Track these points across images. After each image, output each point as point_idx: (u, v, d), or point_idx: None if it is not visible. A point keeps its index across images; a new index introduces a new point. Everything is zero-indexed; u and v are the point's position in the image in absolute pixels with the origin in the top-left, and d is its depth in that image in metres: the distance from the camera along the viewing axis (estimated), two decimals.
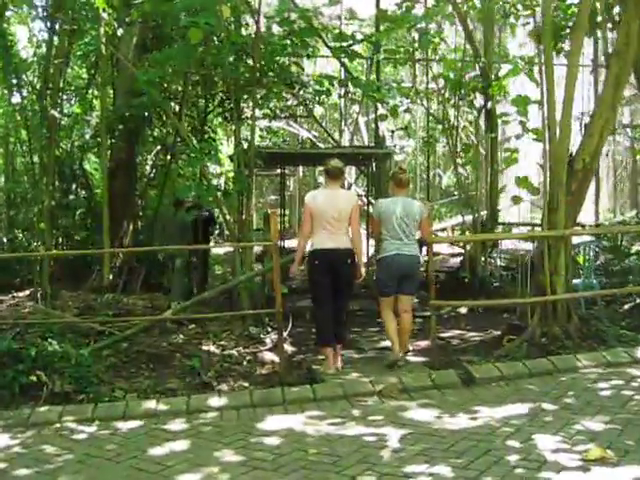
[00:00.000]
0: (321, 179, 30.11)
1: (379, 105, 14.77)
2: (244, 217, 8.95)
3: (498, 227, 12.28)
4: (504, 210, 14.27)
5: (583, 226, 10.52)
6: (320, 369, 6.87)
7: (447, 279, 11.56)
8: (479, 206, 12.06)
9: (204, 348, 7.83)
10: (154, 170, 14.03)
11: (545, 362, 6.54)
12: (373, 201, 13.95)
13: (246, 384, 6.80)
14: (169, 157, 13.36)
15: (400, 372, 6.66)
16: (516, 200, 8.02)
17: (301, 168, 27.69)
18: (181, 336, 8.05)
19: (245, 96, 9.39)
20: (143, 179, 13.82)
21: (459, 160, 11.57)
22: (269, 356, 7.69)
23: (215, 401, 5.91)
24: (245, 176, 8.72)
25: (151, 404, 5.89)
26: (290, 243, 19.84)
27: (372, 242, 14.26)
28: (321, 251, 6.81)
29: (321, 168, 26.12)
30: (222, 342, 8.02)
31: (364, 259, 7.19)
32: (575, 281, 8.61)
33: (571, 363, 6.51)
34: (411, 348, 7.75)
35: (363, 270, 7.00)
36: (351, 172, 24.93)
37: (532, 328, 7.52)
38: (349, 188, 13.67)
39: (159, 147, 14.10)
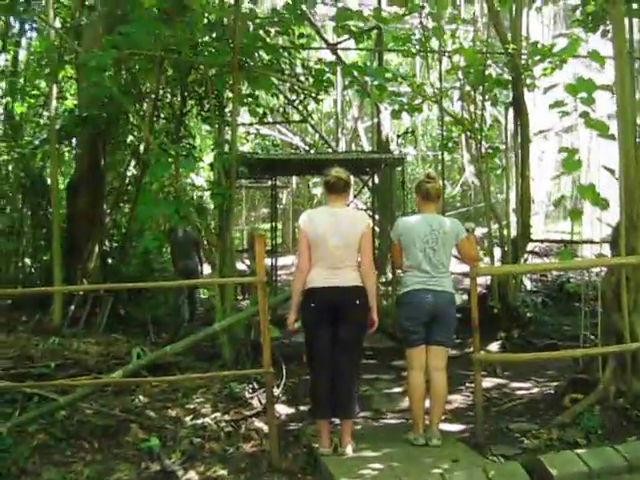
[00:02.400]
0: (315, 191, 28.12)
1: (383, 107, 13.07)
2: (225, 239, 7.06)
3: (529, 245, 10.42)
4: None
5: None
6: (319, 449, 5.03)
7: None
8: (503, 219, 10.18)
9: (170, 413, 5.94)
10: (126, 183, 12.08)
11: None
12: (378, 219, 12.12)
13: (224, 471, 4.96)
14: (142, 167, 11.44)
15: (437, 457, 4.79)
16: (575, 215, 6.18)
17: (295, 179, 25.82)
18: (140, 397, 6.15)
19: (225, 89, 7.54)
20: (113, 193, 11.86)
21: (484, 165, 9.71)
22: (256, 424, 5.83)
23: None
24: (226, 188, 6.86)
25: None
26: (283, 261, 18.00)
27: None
28: (320, 290, 4.93)
29: (316, 180, 23.99)
30: (194, 405, 6.13)
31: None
32: None
33: None
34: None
35: (375, 316, 5.08)
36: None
37: (604, 384, 5.68)
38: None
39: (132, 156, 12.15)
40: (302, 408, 6.31)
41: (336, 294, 4.91)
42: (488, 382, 7.10)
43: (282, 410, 6.32)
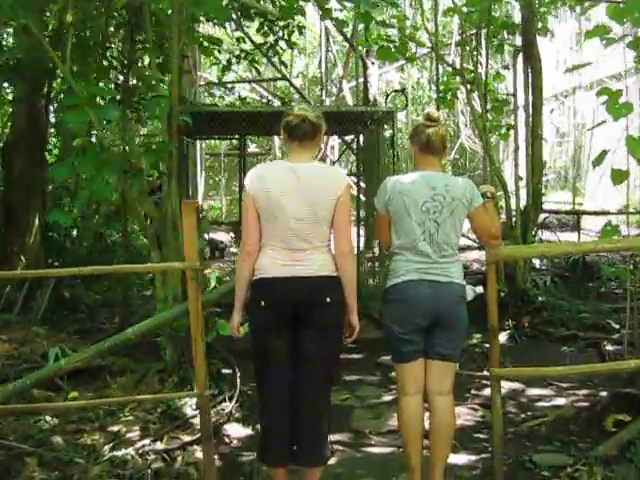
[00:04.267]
0: None
1: (370, 62, 11.68)
2: (166, 210, 5.54)
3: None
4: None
5: None
6: None
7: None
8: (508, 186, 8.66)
9: (85, 440, 4.48)
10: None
11: None
12: (364, 187, 10.53)
13: None
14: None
15: None
16: (617, 176, 4.71)
17: (277, 144, 24.16)
18: (47, 418, 4.68)
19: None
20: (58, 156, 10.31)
21: (487, 123, 8.20)
22: (197, 455, 4.37)
23: None
24: (166, 143, 5.35)
25: None
26: None
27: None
28: (274, 282, 3.37)
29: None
30: (119, 426, 4.67)
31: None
32: None
33: None
34: None
35: (356, 319, 3.52)
36: (334, 148, 21.55)
37: None
38: None
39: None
40: (255, 429, 4.87)
41: (298, 288, 3.34)
42: None
43: (234, 432, 4.85)
